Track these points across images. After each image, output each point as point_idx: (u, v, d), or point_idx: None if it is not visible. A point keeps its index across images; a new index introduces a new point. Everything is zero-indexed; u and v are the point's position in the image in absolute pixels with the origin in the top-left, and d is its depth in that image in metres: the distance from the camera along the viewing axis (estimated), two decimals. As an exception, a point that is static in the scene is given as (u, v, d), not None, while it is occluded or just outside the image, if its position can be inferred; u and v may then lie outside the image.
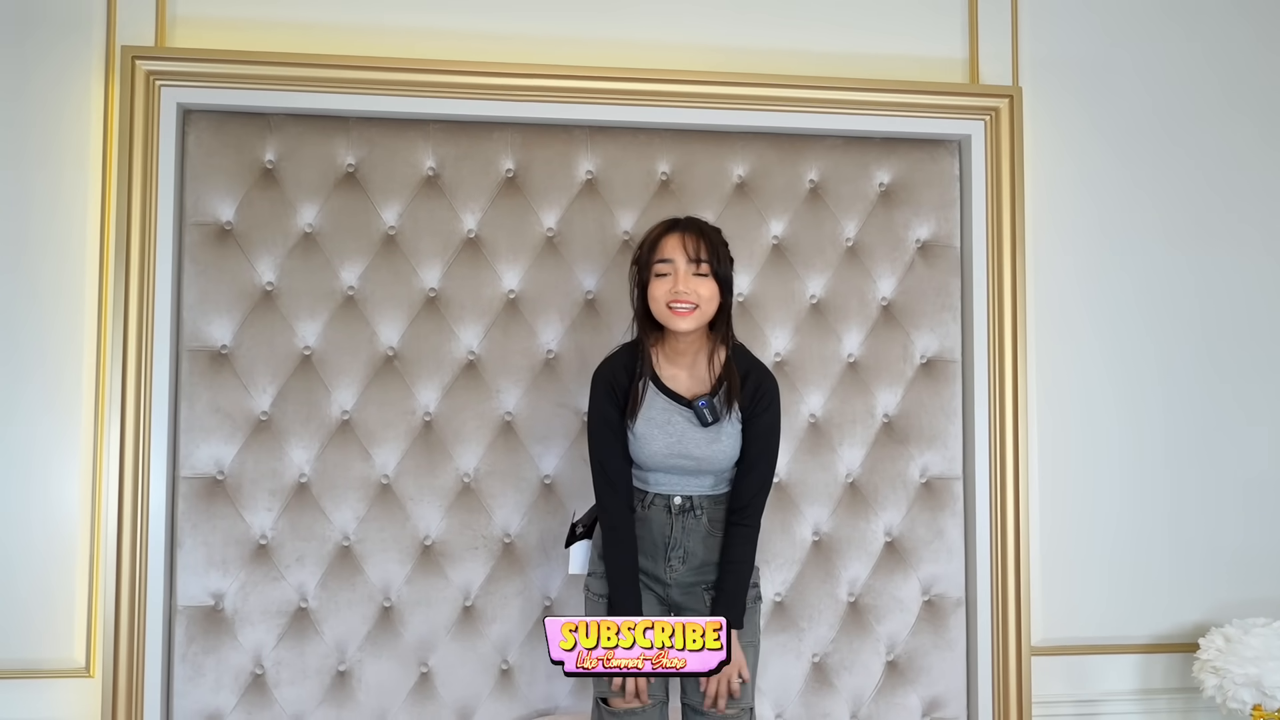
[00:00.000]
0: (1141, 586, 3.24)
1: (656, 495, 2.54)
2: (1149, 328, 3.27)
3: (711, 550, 2.55)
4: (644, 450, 2.51)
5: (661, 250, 2.48)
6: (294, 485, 2.92)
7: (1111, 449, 3.25)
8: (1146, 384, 3.27)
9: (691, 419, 2.50)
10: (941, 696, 3.09)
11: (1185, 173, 3.30)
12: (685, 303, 2.45)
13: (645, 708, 2.50)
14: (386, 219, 2.99)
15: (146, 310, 2.86)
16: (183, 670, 2.86)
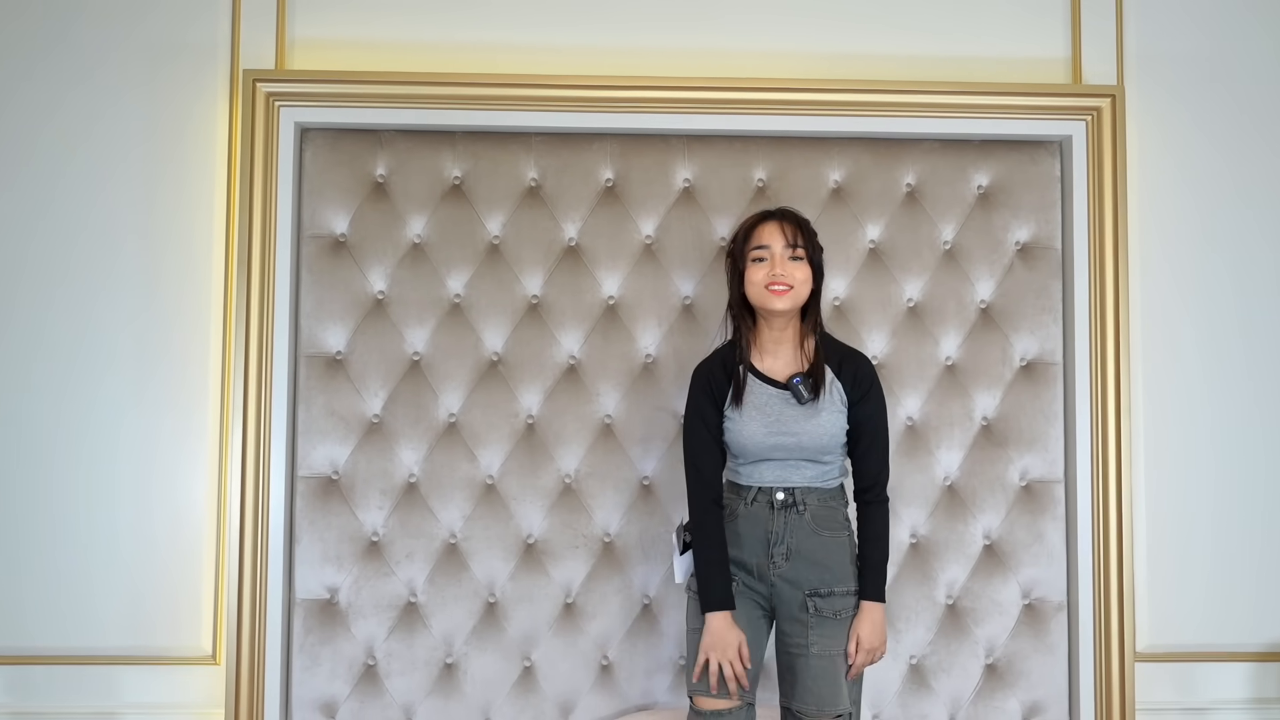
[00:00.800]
0: (1252, 592, 3.17)
1: (759, 491, 2.59)
2: (1251, 330, 3.20)
3: (815, 549, 2.57)
4: (745, 435, 2.57)
5: (758, 237, 2.59)
6: (404, 485, 3.05)
7: (1217, 452, 3.18)
8: (1254, 386, 3.20)
9: (789, 399, 2.57)
10: (1042, 701, 3.07)
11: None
12: (782, 284, 2.55)
13: (733, 709, 2.54)
14: (491, 229, 3.10)
15: (267, 318, 3.03)
16: (300, 660, 3.01)
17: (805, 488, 2.58)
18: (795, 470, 2.59)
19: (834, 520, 2.60)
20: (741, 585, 2.59)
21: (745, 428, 2.57)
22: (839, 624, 2.55)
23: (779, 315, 2.59)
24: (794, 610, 2.57)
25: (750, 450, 2.58)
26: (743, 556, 2.59)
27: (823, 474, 2.61)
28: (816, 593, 2.56)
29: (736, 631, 2.54)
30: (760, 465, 2.60)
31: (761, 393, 2.59)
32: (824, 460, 2.60)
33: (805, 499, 2.58)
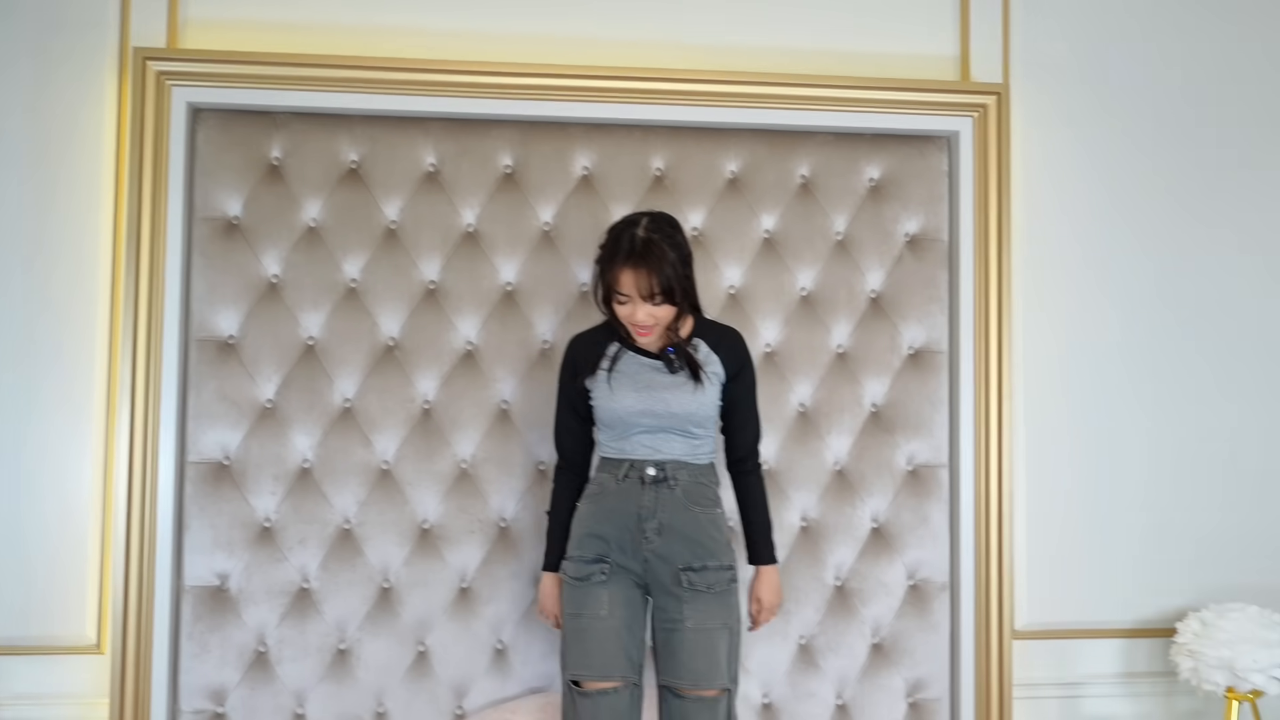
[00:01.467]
0: (1124, 572, 3.31)
1: (631, 465, 2.63)
2: (1133, 319, 3.35)
3: (687, 524, 2.62)
4: (618, 405, 2.63)
5: (619, 283, 2.58)
6: (297, 470, 3.03)
7: (1095, 437, 3.32)
8: (1129, 374, 3.34)
9: (661, 369, 2.64)
10: (925, 678, 3.18)
11: (1170, 169, 3.37)
12: (644, 327, 2.61)
13: (616, 689, 2.58)
14: (388, 214, 3.09)
15: (157, 301, 2.97)
16: (189, 647, 2.97)
17: (676, 462, 2.64)
18: (666, 443, 2.64)
19: (705, 497, 2.66)
20: (615, 565, 2.63)
21: (618, 400, 2.63)
22: (713, 598, 2.61)
23: None
24: (668, 585, 2.61)
25: (621, 419, 2.63)
26: (615, 533, 2.63)
27: (694, 449, 2.66)
28: (689, 567, 2.61)
29: (555, 599, 2.72)
30: (632, 438, 2.65)
31: (633, 362, 2.66)
32: (694, 434, 2.65)
33: (676, 474, 2.63)
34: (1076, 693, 3.28)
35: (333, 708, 3.00)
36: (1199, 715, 3.31)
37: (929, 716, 3.17)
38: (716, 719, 2.59)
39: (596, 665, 2.59)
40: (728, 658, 2.62)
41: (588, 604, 2.61)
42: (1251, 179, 3.40)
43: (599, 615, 2.60)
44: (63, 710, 2.98)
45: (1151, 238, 3.36)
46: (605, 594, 2.61)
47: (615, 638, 2.60)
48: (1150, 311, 3.35)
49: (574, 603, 2.63)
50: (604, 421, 2.68)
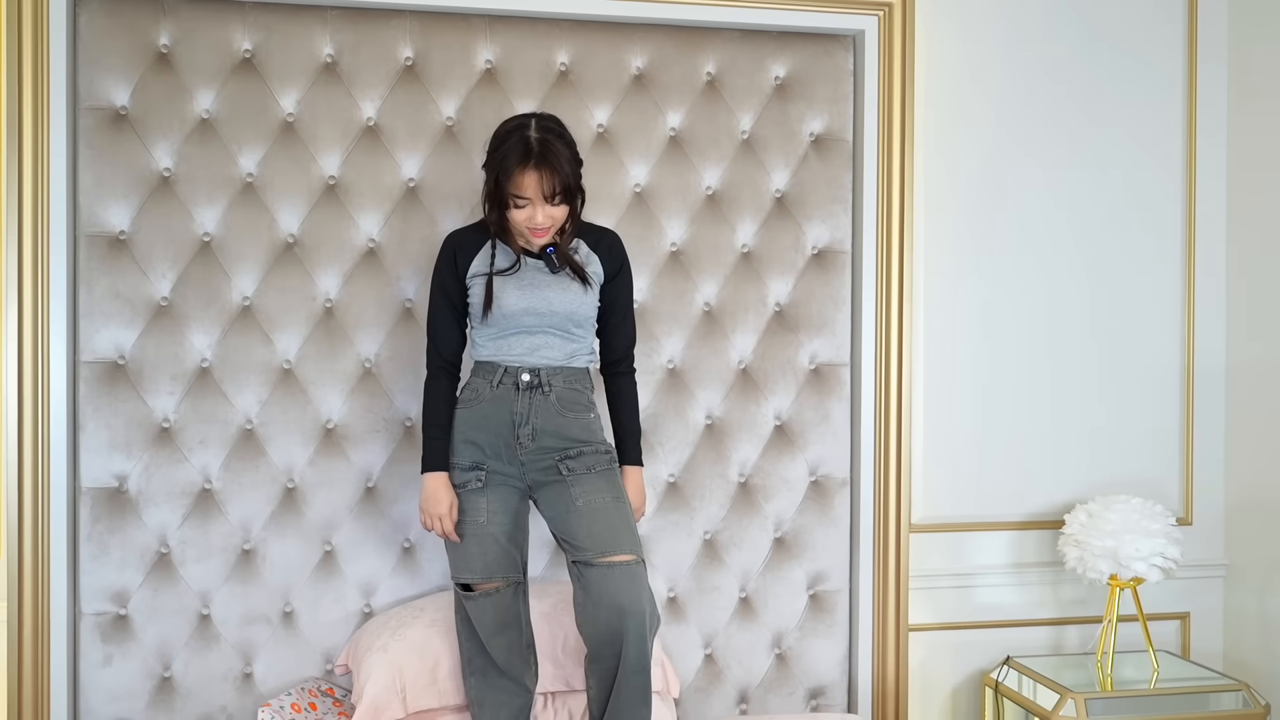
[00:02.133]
0: (1018, 469, 3.42)
1: (506, 371, 2.63)
2: (1031, 218, 3.41)
3: (561, 428, 2.64)
4: (501, 305, 2.61)
5: (519, 187, 2.54)
6: (195, 370, 2.97)
7: (992, 337, 3.40)
8: (1024, 273, 3.42)
9: (542, 269, 2.63)
10: (825, 570, 3.26)
11: (1065, 69, 3.41)
12: (542, 229, 2.59)
13: (500, 590, 2.64)
14: (285, 106, 3.00)
15: (42, 196, 2.86)
16: (88, 549, 2.93)
17: (552, 368, 2.64)
18: (544, 344, 2.64)
19: (579, 402, 2.67)
20: (492, 471, 2.64)
21: (500, 299, 2.61)
22: (598, 476, 2.64)
23: None
24: (548, 477, 2.64)
25: (505, 319, 2.62)
26: (490, 439, 2.64)
27: (571, 352, 2.67)
28: (567, 455, 2.64)
29: (448, 492, 2.65)
30: (510, 339, 2.64)
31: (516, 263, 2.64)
32: (574, 334, 2.66)
33: (551, 380, 2.64)
34: (969, 583, 3.40)
35: (238, 608, 2.99)
36: (1083, 602, 3.46)
37: (829, 607, 3.26)
38: (638, 586, 2.53)
39: (478, 569, 2.65)
40: (628, 529, 2.61)
41: (467, 511, 2.65)
42: (1141, 75, 3.46)
43: (478, 522, 2.63)
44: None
45: (1048, 137, 3.41)
46: (484, 500, 2.64)
47: (495, 543, 2.64)
48: (1045, 211, 3.42)
49: None
50: (483, 320, 2.65)
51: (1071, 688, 3.06)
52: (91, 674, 2.93)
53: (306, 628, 3.02)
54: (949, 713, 3.41)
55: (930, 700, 3.39)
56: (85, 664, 2.93)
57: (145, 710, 2.95)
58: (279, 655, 3.00)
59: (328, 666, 3.03)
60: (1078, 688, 3.07)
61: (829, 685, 3.27)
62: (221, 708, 2.98)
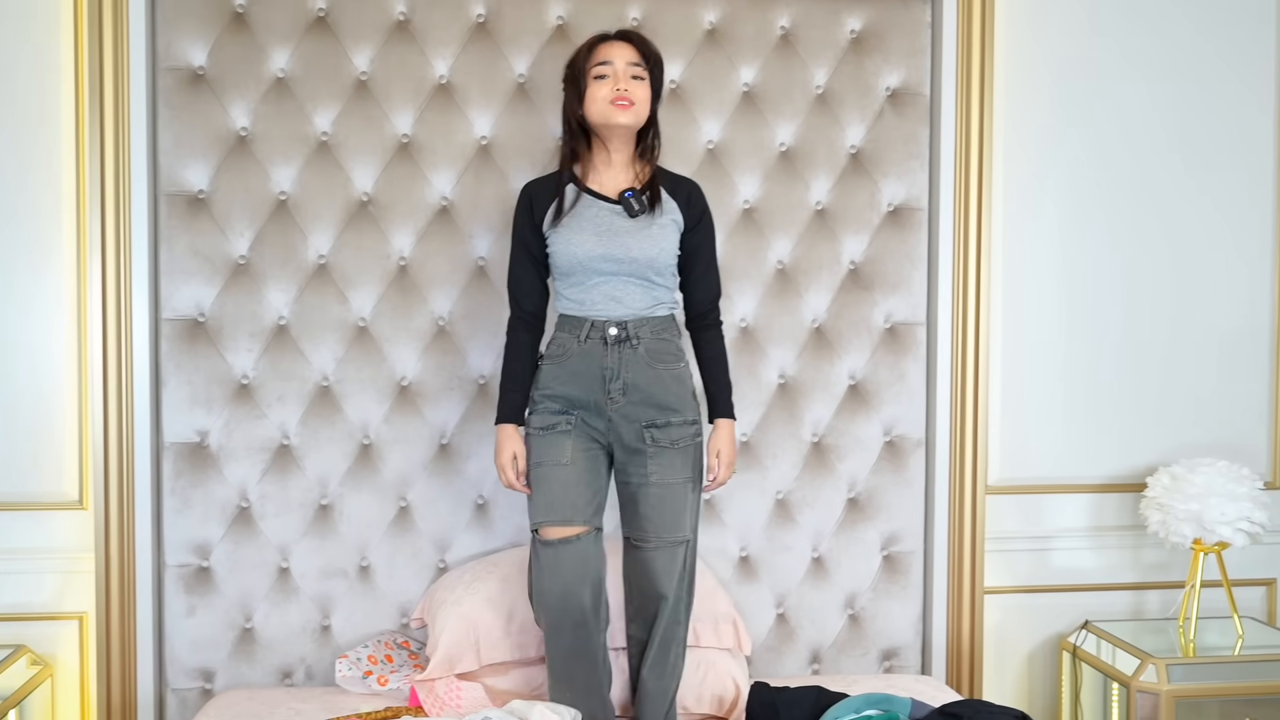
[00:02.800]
0: (1097, 429, 3.35)
1: (593, 325, 2.61)
2: (1115, 174, 3.32)
3: (651, 382, 2.61)
4: (574, 246, 2.59)
5: (602, 53, 2.60)
6: (273, 327, 3.01)
7: (1072, 295, 3.33)
8: (1109, 230, 3.33)
9: (620, 213, 2.61)
10: (899, 531, 3.23)
11: (1159, 17, 3.31)
12: (625, 99, 2.57)
13: (580, 536, 2.60)
14: (358, 64, 3.01)
15: (123, 156, 2.92)
16: (171, 503, 2.99)
17: (638, 320, 2.62)
18: (626, 292, 2.61)
19: (668, 352, 2.65)
20: (579, 420, 2.63)
21: (576, 244, 2.59)
22: (676, 453, 2.62)
23: (618, 134, 2.61)
24: (632, 442, 2.62)
25: (579, 263, 2.60)
26: (580, 394, 2.62)
27: (654, 301, 2.64)
28: (654, 424, 2.61)
29: (512, 443, 2.65)
30: (590, 287, 2.61)
31: (591, 205, 2.62)
32: (655, 281, 2.63)
33: (639, 332, 2.61)
34: (1046, 545, 3.35)
35: (316, 561, 3.04)
36: (1164, 567, 3.39)
37: (903, 569, 3.23)
38: (676, 562, 2.62)
39: (559, 510, 2.59)
40: (690, 511, 2.64)
41: (549, 452, 2.62)
42: (1234, 29, 3.34)
43: (560, 463, 2.61)
44: (49, 564, 3.01)
45: (1132, 91, 3.31)
46: (569, 442, 2.62)
47: (577, 484, 2.61)
48: (1128, 166, 3.33)
49: (537, 452, 2.64)
50: (561, 269, 2.63)
51: (1152, 653, 3.01)
52: (176, 624, 3.00)
53: (382, 582, 3.06)
54: (1025, 676, 3.36)
55: (1006, 663, 3.35)
56: (170, 614, 3.00)
57: (227, 660, 3.02)
58: (356, 608, 3.05)
59: (403, 620, 3.07)
60: (1159, 653, 3.01)
61: (902, 647, 3.24)
62: (300, 659, 3.04)
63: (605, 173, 2.66)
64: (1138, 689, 2.95)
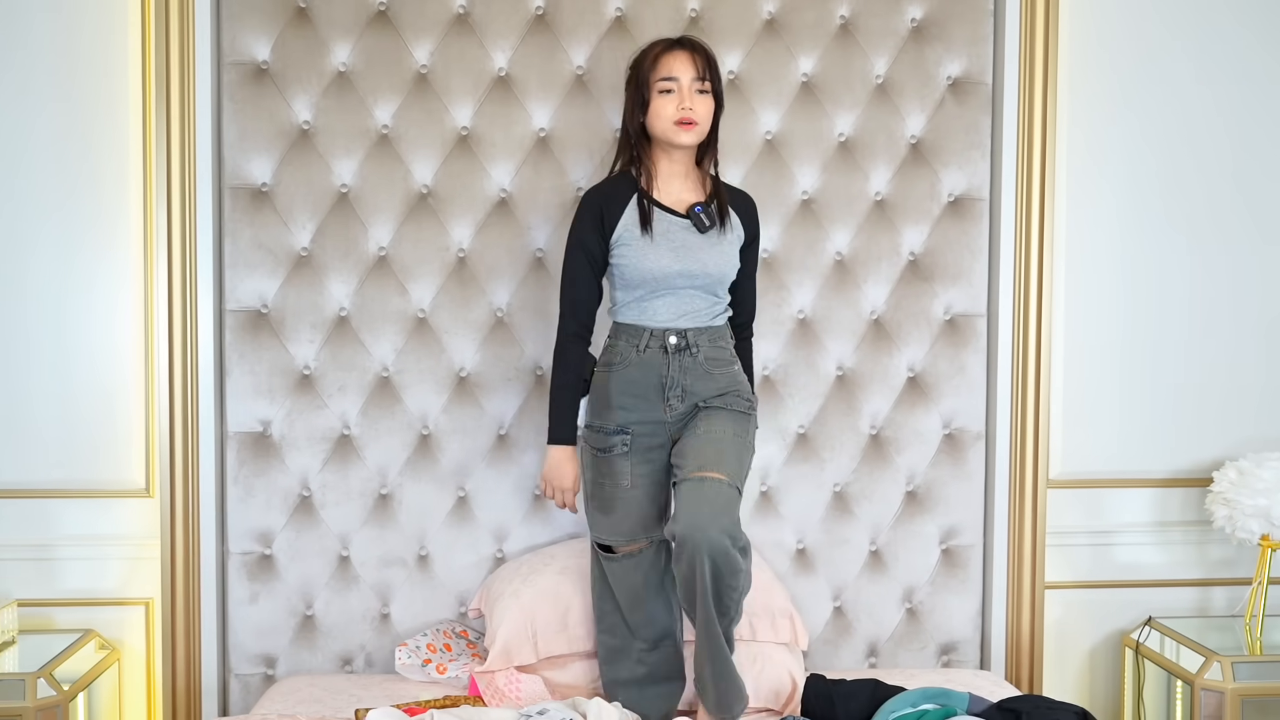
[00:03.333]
0: (1161, 423, 3.30)
1: (653, 335, 2.61)
2: (1179, 164, 3.26)
3: (707, 389, 2.63)
4: (654, 266, 2.58)
5: (666, 67, 2.58)
6: (334, 318, 3.04)
7: (1136, 286, 3.28)
8: (1173, 222, 3.28)
9: (689, 228, 2.59)
10: (957, 525, 3.20)
11: (1223, 9, 3.24)
12: (690, 119, 2.56)
13: (644, 550, 2.63)
14: (418, 57, 3.03)
15: (189, 148, 2.96)
16: (235, 491, 3.04)
17: (696, 329, 2.62)
18: (689, 304, 2.61)
19: (722, 359, 2.67)
20: (638, 434, 2.61)
21: (650, 254, 2.58)
22: (729, 414, 2.61)
23: (682, 150, 2.61)
24: (686, 421, 2.63)
25: (655, 279, 2.59)
26: (638, 403, 2.62)
27: (714, 310, 2.65)
28: (708, 404, 2.63)
29: (573, 466, 2.67)
30: (656, 300, 2.61)
31: (663, 220, 2.61)
32: (718, 293, 2.65)
33: (697, 341, 2.62)
34: (1109, 540, 3.31)
35: (376, 550, 3.07)
36: (1231, 563, 3.33)
37: (962, 562, 3.21)
38: (719, 495, 2.45)
39: (624, 532, 2.65)
40: (736, 458, 2.55)
41: (611, 474, 2.64)
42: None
43: (622, 485, 2.63)
44: (116, 551, 3.08)
45: (1200, 77, 3.25)
46: (628, 465, 2.63)
47: (639, 506, 2.64)
48: (1198, 161, 3.26)
49: (597, 470, 2.66)
50: (630, 281, 2.63)
51: (1217, 650, 2.96)
52: (239, 610, 3.05)
53: (441, 571, 3.09)
54: (1086, 672, 3.33)
55: (1067, 659, 3.31)
56: (233, 601, 3.05)
57: (289, 646, 3.06)
58: (415, 597, 3.08)
59: (461, 609, 3.10)
60: (1224, 650, 2.97)
61: (961, 641, 3.22)
62: (360, 646, 3.08)
63: (667, 183, 2.66)
64: (1202, 686, 2.91)
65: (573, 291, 2.68)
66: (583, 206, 2.68)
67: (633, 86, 2.63)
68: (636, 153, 2.65)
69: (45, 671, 2.78)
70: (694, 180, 2.68)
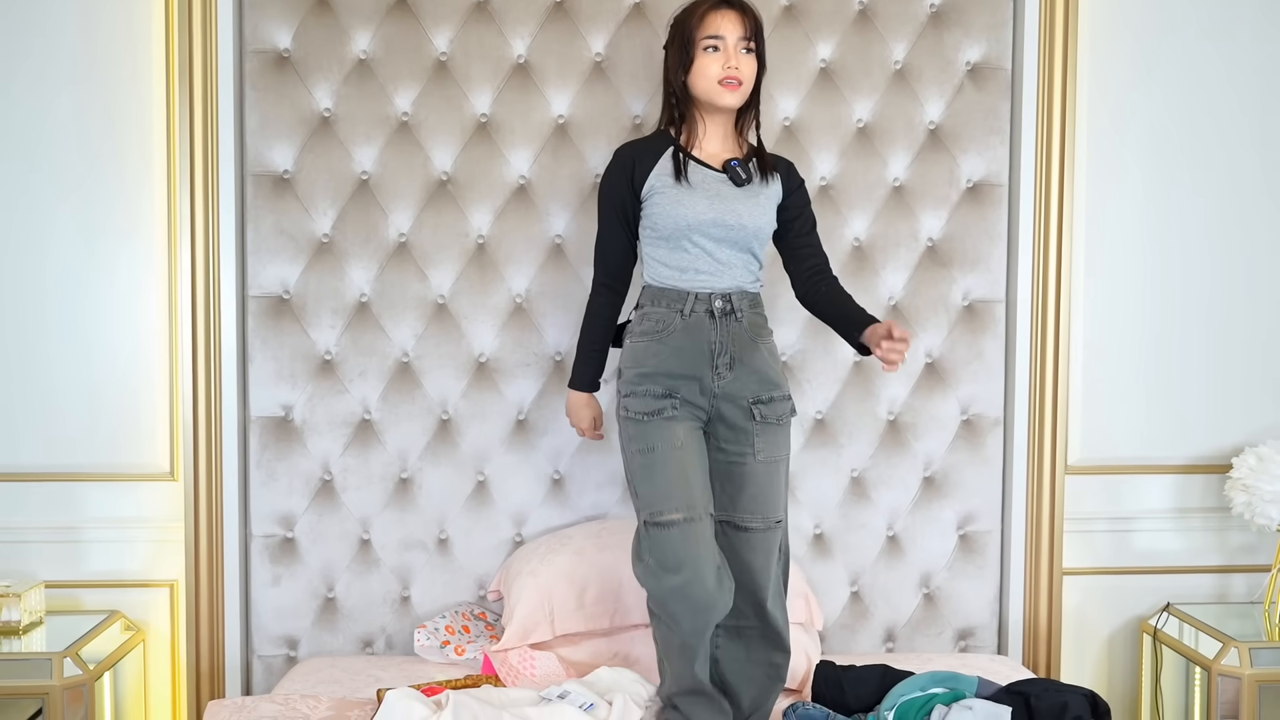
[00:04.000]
0: (1180, 409, 3.30)
1: (696, 299, 2.55)
2: (1199, 150, 3.25)
3: (754, 357, 2.57)
4: (688, 212, 2.52)
5: (713, 25, 2.51)
6: (355, 304, 3.07)
7: (1155, 272, 3.27)
8: (1193, 208, 3.26)
9: (726, 182, 2.57)
10: (975, 511, 3.21)
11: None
12: (735, 78, 2.52)
13: (702, 518, 2.47)
14: (438, 45, 3.05)
15: (211, 136, 3.00)
16: (258, 475, 3.08)
17: (740, 293, 2.57)
18: (729, 265, 2.55)
19: (763, 327, 2.63)
20: (681, 402, 2.52)
21: (684, 200, 2.52)
22: (779, 429, 2.59)
23: (723, 111, 2.58)
24: (737, 420, 2.56)
25: (689, 227, 2.52)
26: (685, 370, 2.54)
27: (750, 272, 2.60)
28: (759, 400, 2.57)
29: (590, 410, 2.73)
30: (694, 255, 2.54)
31: (699, 172, 2.57)
32: (755, 253, 2.60)
33: (740, 305, 2.57)
34: (1128, 527, 3.30)
35: (396, 533, 3.11)
36: (1251, 550, 3.33)
37: (979, 548, 3.21)
38: (777, 543, 2.58)
39: (681, 498, 2.46)
40: (785, 487, 2.62)
41: (662, 437, 2.50)
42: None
43: (675, 446, 2.49)
44: (141, 533, 3.12)
45: (1223, 60, 3.23)
46: (679, 427, 2.52)
47: (694, 469, 2.51)
48: (1217, 141, 3.25)
49: (645, 438, 2.51)
50: (663, 232, 2.56)
51: (1235, 636, 2.95)
52: (262, 593, 3.09)
53: (460, 554, 3.12)
54: (1104, 658, 3.33)
55: (1085, 645, 3.32)
56: (256, 583, 3.09)
57: (311, 628, 3.10)
58: (434, 580, 3.11)
59: (480, 592, 3.13)
60: (1242, 637, 2.96)
61: (978, 627, 3.23)
62: (381, 628, 3.11)
63: (708, 143, 2.61)
64: (1219, 672, 2.90)
65: (602, 246, 2.67)
66: (614, 160, 2.64)
67: (676, 45, 2.56)
68: (679, 112, 2.60)
69: (72, 651, 2.82)
70: (733, 142, 2.63)
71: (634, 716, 2.46)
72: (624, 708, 2.46)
